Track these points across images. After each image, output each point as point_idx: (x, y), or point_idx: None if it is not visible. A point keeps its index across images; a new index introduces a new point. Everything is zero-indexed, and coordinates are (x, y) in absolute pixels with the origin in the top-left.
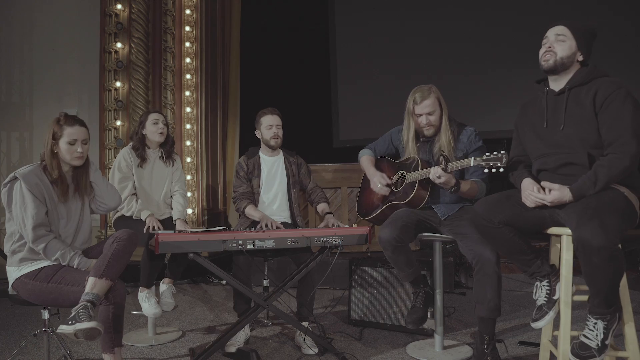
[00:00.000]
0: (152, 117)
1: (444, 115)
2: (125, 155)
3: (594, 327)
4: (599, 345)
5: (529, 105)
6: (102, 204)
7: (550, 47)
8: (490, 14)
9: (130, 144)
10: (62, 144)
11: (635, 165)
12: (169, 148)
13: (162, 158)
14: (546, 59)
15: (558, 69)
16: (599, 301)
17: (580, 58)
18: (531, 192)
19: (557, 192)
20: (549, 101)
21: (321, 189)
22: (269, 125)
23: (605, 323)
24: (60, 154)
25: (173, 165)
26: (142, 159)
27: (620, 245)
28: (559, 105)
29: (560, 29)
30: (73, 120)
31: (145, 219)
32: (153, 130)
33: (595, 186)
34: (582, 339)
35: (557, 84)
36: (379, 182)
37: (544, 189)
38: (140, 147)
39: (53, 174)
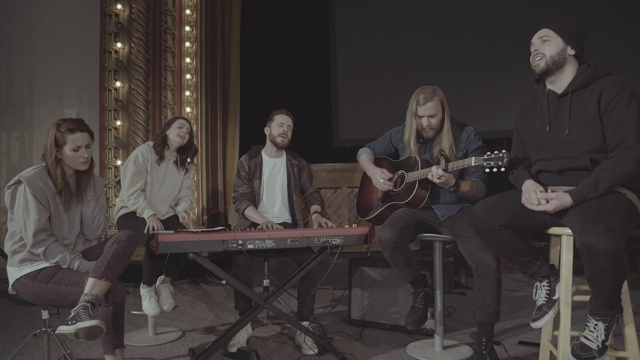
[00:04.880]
0: (179, 121)
1: (446, 119)
2: (143, 151)
3: (595, 328)
4: (600, 346)
5: (529, 106)
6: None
7: (536, 49)
8: (491, 14)
9: (151, 142)
10: (67, 151)
11: (639, 170)
12: (185, 156)
13: (176, 163)
14: (536, 63)
15: (551, 68)
16: (601, 303)
17: (572, 52)
18: (532, 203)
19: (556, 201)
20: (550, 104)
21: (319, 193)
22: (281, 123)
23: (607, 324)
24: (65, 161)
25: (185, 174)
26: (161, 156)
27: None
28: (562, 108)
29: (542, 32)
30: (74, 126)
31: (147, 218)
32: (175, 132)
33: (596, 190)
34: (583, 340)
35: (557, 85)
36: (380, 178)
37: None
38: (160, 146)
39: (58, 182)
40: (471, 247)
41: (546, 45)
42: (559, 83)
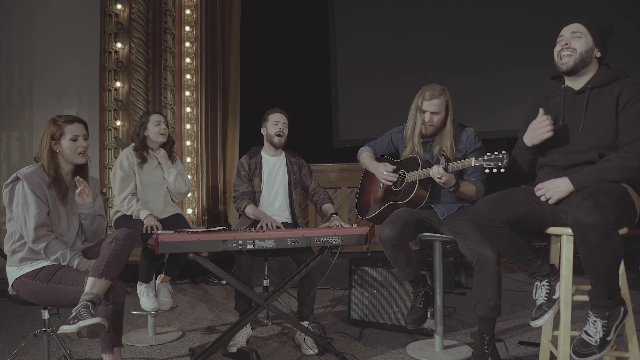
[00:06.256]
0: (154, 118)
1: (449, 120)
2: (128, 155)
3: (594, 324)
4: (599, 342)
5: (542, 102)
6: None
7: (567, 43)
8: (491, 14)
9: (132, 144)
10: (65, 142)
11: None
12: (169, 148)
13: (168, 156)
14: (565, 61)
15: (578, 67)
16: (599, 290)
17: (598, 54)
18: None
19: (555, 192)
20: (566, 99)
21: (324, 189)
22: (276, 122)
23: (605, 321)
24: (62, 154)
25: (174, 163)
26: (143, 159)
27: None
28: (579, 104)
29: (575, 26)
30: (71, 117)
31: (144, 219)
32: (155, 131)
33: (596, 176)
34: (583, 335)
35: (576, 82)
36: (384, 171)
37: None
38: (141, 148)
39: (51, 174)
40: (471, 243)
41: (578, 40)
42: (578, 81)
